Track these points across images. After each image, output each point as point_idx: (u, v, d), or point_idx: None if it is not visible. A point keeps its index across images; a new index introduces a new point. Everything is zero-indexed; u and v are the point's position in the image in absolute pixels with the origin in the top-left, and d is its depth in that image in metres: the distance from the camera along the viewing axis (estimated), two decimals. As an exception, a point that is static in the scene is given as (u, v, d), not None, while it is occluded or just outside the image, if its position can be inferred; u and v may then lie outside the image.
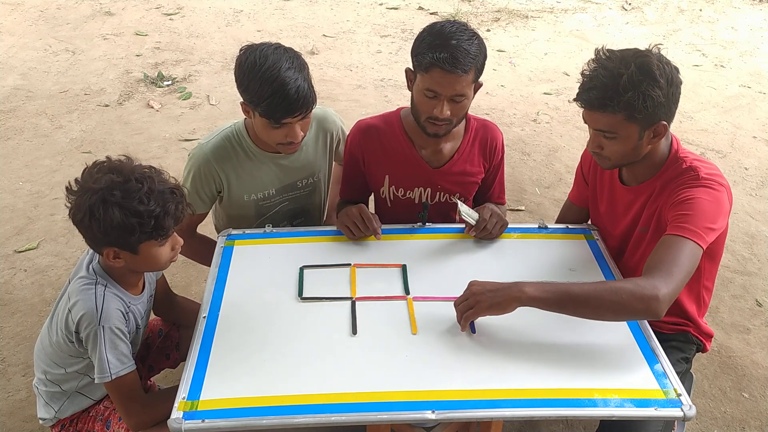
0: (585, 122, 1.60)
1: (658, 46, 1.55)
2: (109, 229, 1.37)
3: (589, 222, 1.95)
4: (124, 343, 1.50)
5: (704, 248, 1.49)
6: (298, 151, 1.86)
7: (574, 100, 1.58)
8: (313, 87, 1.70)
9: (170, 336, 1.94)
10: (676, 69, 1.53)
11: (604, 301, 1.40)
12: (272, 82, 1.61)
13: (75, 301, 1.48)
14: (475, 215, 1.81)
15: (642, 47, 1.56)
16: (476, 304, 1.45)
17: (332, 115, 2.04)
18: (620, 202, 1.77)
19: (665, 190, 1.62)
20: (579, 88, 1.57)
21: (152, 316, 1.82)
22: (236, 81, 1.71)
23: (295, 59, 1.68)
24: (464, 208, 1.80)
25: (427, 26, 1.75)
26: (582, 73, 1.56)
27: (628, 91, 1.47)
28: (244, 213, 1.96)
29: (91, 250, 1.56)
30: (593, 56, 1.56)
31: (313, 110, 2.01)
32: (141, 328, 1.65)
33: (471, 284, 1.50)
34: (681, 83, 1.54)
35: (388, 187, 1.99)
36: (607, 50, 1.55)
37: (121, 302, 1.52)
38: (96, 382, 1.49)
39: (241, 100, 1.73)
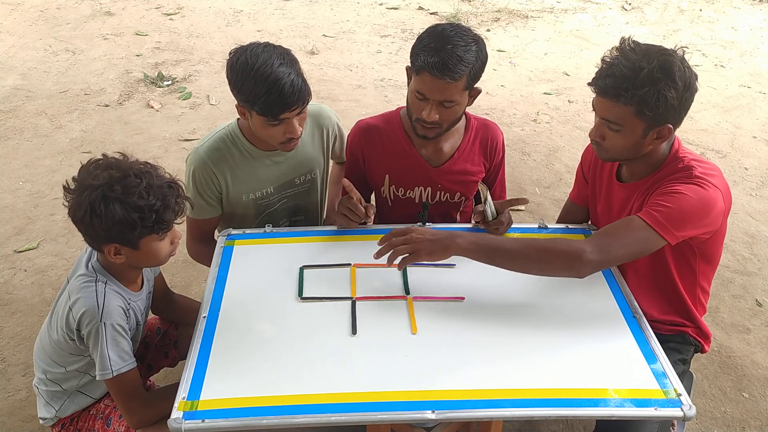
0: (593, 109, 1.59)
1: (684, 48, 1.54)
2: (111, 224, 1.38)
3: (589, 222, 1.95)
4: (125, 339, 1.50)
5: (671, 243, 1.49)
6: (294, 148, 1.86)
7: (589, 84, 1.57)
8: (306, 81, 1.70)
9: (168, 334, 1.94)
10: (696, 76, 1.52)
11: (530, 259, 1.51)
12: (266, 78, 1.62)
13: (76, 299, 1.48)
14: (495, 212, 1.80)
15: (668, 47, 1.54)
16: (416, 251, 1.53)
17: (327, 111, 2.04)
18: (616, 199, 1.77)
19: (657, 185, 1.62)
20: (596, 73, 1.55)
21: (150, 314, 1.82)
22: (230, 83, 1.71)
23: (285, 55, 1.68)
24: (490, 200, 1.78)
25: (429, 27, 1.74)
26: (602, 59, 1.55)
27: (645, 86, 1.46)
28: (244, 212, 1.96)
29: (89, 248, 1.56)
30: (618, 44, 1.54)
31: (308, 106, 2.02)
32: (141, 325, 1.66)
33: (410, 230, 1.58)
34: (696, 91, 1.53)
35: (388, 187, 1.99)
36: (633, 42, 1.53)
37: (122, 299, 1.53)
38: (97, 379, 1.49)
39: (236, 102, 1.74)
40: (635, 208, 1.68)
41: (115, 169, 1.41)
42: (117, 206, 1.37)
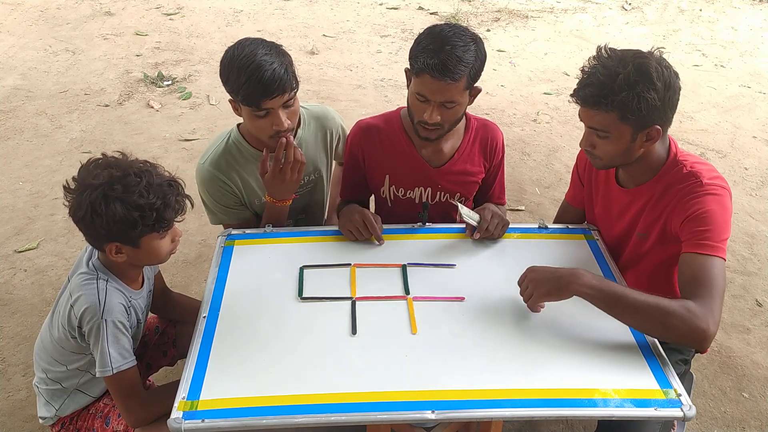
0: (580, 119, 1.61)
1: (660, 49, 1.54)
2: (112, 223, 1.39)
3: (586, 222, 1.95)
4: (125, 337, 1.51)
5: (724, 259, 1.51)
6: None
7: (571, 95, 1.58)
8: (293, 72, 1.71)
9: (167, 333, 1.94)
10: (676, 74, 1.52)
11: (652, 319, 1.42)
12: (248, 66, 1.64)
13: (77, 297, 1.48)
14: (476, 216, 1.81)
15: (643, 47, 1.56)
16: (534, 290, 1.50)
17: (332, 113, 2.05)
18: (616, 203, 1.77)
19: (666, 196, 1.62)
20: (577, 84, 1.57)
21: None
22: (221, 78, 1.73)
23: (273, 47, 1.70)
24: (464, 210, 1.80)
25: (427, 28, 1.74)
26: (581, 70, 1.56)
27: (623, 90, 1.47)
28: (261, 216, 1.98)
29: (89, 247, 1.56)
30: (595, 53, 1.55)
31: (313, 108, 2.02)
32: (141, 323, 1.66)
33: (529, 270, 1.55)
34: (680, 89, 1.53)
35: (388, 187, 1.99)
36: (609, 49, 1.54)
37: (123, 296, 1.53)
38: (97, 375, 1.50)
39: (230, 97, 1.75)
40: (645, 219, 1.68)
41: (115, 168, 1.41)
42: (118, 205, 1.37)
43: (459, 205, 1.81)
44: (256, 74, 1.63)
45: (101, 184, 1.38)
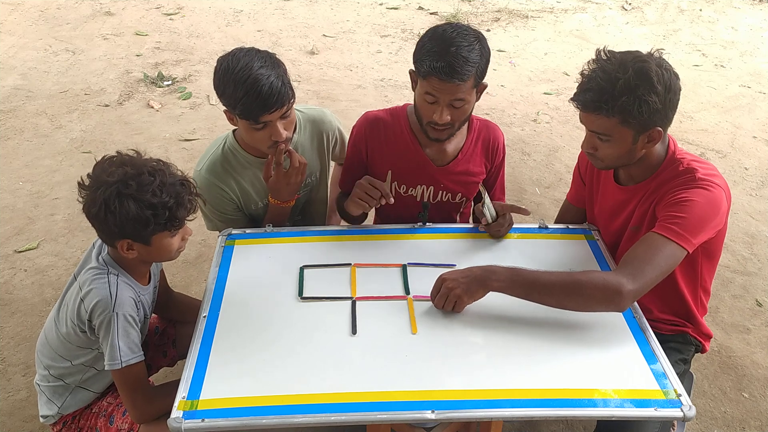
0: (581, 122, 1.60)
1: (660, 50, 1.54)
2: (125, 221, 1.40)
3: (586, 222, 1.95)
4: (135, 331, 1.52)
5: (689, 251, 1.50)
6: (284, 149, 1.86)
7: (571, 100, 1.58)
8: (289, 83, 1.70)
9: (166, 333, 1.95)
10: (676, 75, 1.52)
11: (568, 293, 1.47)
12: (245, 81, 1.62)
13: (88, 290, 1.49)
14: (493, 212, 1.81)
15: (643, 48, 1.55)
16: (457, 298, 1.52)
17: (329, 116, 2.04)
18: (614, 201, 1.77)
19: (660, 189, 1.62)
20: (577, 88, 1.56)
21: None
22: (215, 90, 1.71)
23: (267, 59, 1.68)
24: (488, 201, 1.80)
25: (428, 30, 1.73)
26: (581, 73, 1.56)
27: (624, 95, 1.46)
28: (253, 218, 1.98)
29: (98, 242, 1.58)
30: (594, 57, 1.55)
31: (309, 111, 2.02)
32: (148, 318, 1.67)
33: (443, 279, 1.55)
34: (680, 89, 1.53)
35: (390, 183, 1.98)
36: (608, 52, 1.54)
37: (133, 291, 1.55)
38: (106, 369, 1.51)
39: (224, 108, 1.74)
40: (637, 213, 1.69)
41: (130, 166, 1.43)
42: (131, 203, 1.39)
43: (485, 194, 1.80)
44: (253, 89, 1.62)
45: (115, 181, 1.40)
